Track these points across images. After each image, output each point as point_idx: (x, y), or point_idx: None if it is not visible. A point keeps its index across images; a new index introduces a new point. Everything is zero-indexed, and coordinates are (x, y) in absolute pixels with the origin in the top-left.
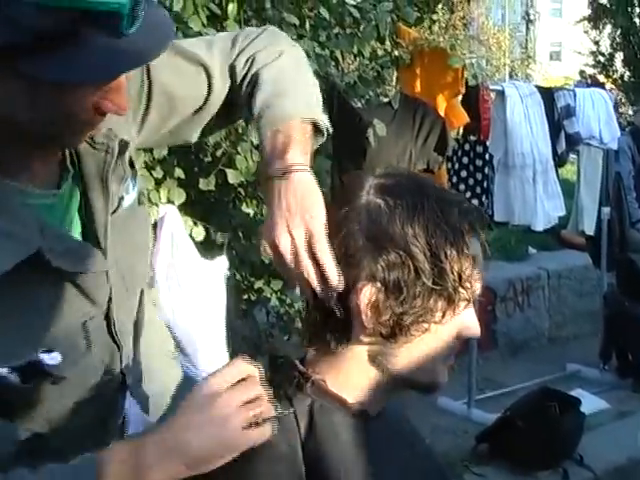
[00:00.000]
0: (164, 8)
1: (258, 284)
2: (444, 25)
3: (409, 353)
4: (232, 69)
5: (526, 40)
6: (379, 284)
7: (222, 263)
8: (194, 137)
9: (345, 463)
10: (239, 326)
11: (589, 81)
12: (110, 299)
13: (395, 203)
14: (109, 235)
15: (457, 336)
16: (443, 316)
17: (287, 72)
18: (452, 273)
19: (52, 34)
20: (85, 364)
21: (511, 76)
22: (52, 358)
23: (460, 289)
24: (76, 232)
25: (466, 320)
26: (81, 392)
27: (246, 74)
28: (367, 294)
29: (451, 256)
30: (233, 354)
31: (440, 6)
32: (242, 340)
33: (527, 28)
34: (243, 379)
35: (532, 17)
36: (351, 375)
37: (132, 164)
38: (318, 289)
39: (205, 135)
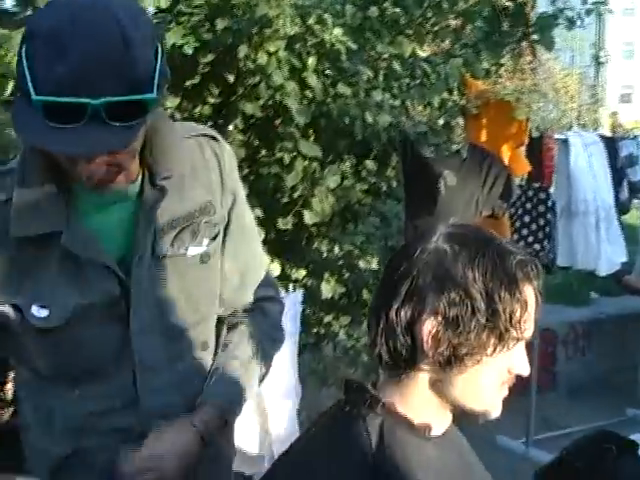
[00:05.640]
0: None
1: (327, 318)
2: (511, 70)
3: (464, 382)
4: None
5: (594, 84)
6: (440, 318)
7: (297, 297)
8: None
9: (411, 477)
10: (307, 359)
11: None
12: (127, 309)
13: (460, 249)
14: (143, 252)
15: (507, 371)
16: (494, 351)
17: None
18: (504, 314)
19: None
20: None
21: (579, 120)
22: (40, 312)
23: (511, 329)
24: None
25: (516, 357)
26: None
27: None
28: (429, 326)
29: (504, 298)
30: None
31: (506, 50)
32: (309, 372)
33: (597, 71)
34: None
35: (602, 59)
36: (415, 399)
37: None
38: None
39: None
